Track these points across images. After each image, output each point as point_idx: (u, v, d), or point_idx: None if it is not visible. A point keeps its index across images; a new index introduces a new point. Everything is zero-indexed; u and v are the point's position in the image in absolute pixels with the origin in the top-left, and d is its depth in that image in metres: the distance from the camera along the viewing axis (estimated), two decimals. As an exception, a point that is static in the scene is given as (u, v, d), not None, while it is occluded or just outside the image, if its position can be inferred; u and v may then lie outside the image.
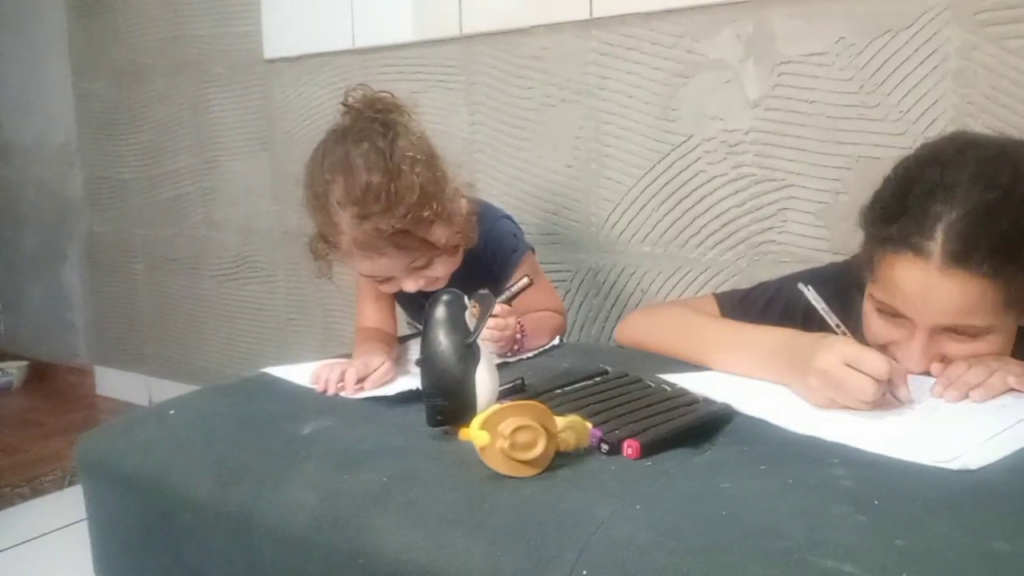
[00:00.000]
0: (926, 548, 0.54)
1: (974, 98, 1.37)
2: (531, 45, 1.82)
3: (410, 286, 1.16)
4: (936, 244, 0.85)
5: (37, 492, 2.10)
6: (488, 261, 1.31)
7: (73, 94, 2.90)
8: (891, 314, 0.93)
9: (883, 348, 0.97)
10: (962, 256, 0.84)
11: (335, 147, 1.14)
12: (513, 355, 1.15)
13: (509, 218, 1.40)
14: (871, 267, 0.95)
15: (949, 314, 0.87)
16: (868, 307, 0.99)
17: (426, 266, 1.15)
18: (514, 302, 1.08)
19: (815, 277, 1.15)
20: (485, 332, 1.09)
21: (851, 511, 0.59)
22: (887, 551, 0.54)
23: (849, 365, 0.81)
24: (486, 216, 1.34)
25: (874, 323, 0.97)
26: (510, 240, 1.34)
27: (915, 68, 1.41)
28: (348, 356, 1.14)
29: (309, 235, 1.23)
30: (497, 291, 1.24)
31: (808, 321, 1.11)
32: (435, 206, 1.11)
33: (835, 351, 0.82)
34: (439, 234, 1.13)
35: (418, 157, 1.12)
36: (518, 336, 1.16)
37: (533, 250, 1.41)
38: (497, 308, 1.09)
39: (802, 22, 1.50)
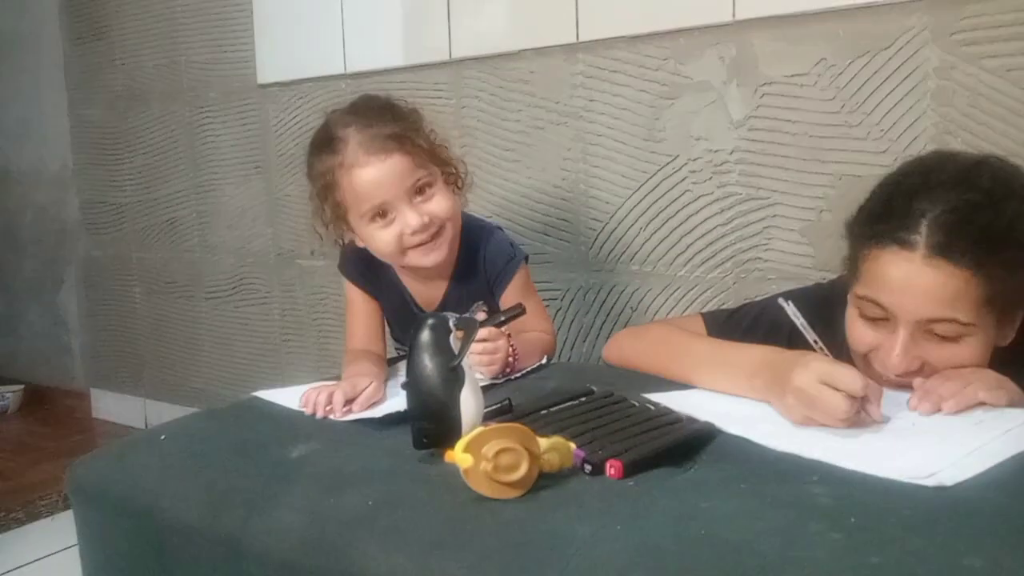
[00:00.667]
0: (900, 565, 0.55)
1: (953, 116, 1.39)
2: (519, 69, 1.85)
3: (411, 217, 1.17)
4: (920, 237, 0.89)
5: (32, 516, 2.10)
6: (486, 271, 1.33)
7: (70, 120, 2.93)
8: (874, 317, 0.95)
9: (865, 358, 0.99)
10: (945, 247, 0.88)
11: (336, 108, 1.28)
12: (504, 376, 1.17)
13: (501, 229, 1.42)
14: (856, 267, 0.97)
15: (932, 304, 0.89)
16: (851, 313, 1.00)
17: (427, 190, 1.20)
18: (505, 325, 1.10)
19: (799, 296, 1.17)
20: (477, 357, 1.11)
21: (827, 528, 0.60)
22: (861, 568, 0.55)
23: (824, 382, 0.82)
24: (480, 228, 1.37)
25: (857, 328, 0.98)
26: (507, 248, 1.35)
27: (895, 88, 1.44)
28: (339, 378, 1.15)
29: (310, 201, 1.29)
30: (494, 302, 1.26)
31: (793, 340, 1.12)
32: (431, 133, 1.25)
33: (811, 369, 0.84)
34: (439, 161, 1.24)
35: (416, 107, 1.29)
36: (510, 359, 1.17)
37: (527, 258, 1.41)
38: (488, 332, 1.11)
39: (784, 44, 1.53)
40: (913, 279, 0.89)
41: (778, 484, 0.69)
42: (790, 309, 1.07)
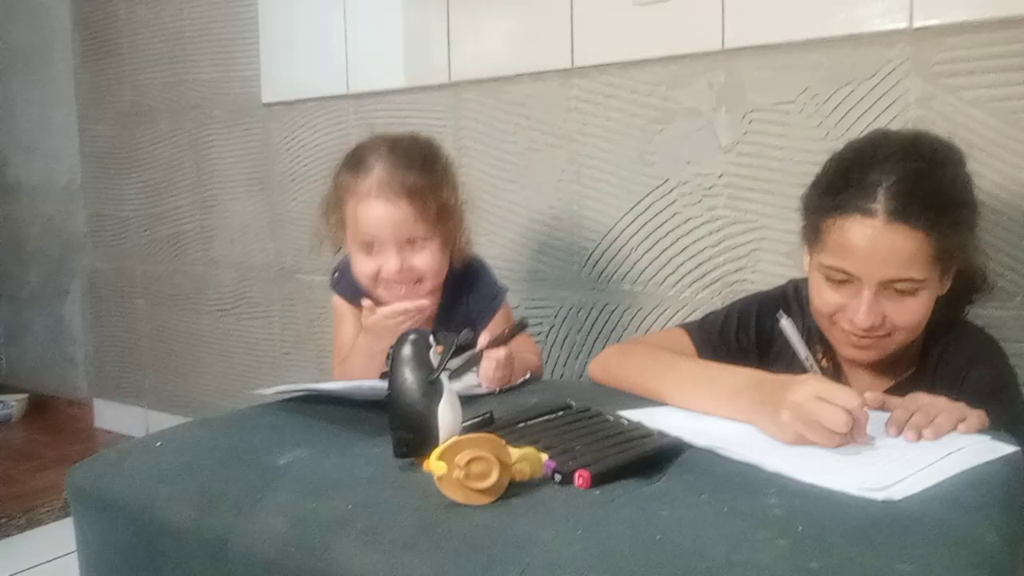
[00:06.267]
0: (836, 570, 0.59)
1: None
2: (516, 92, 1.90)
3: (392, 262, 1.26)
4: (879, 205, 0.99)
5: (33, 523, 2.14)
6: (469, 307, 1.38)
7: (79, 135, 3.00)
8: (839, 280, 1.04)
9: (831, 318, 1.07)
10: (902, 212, 0.98)
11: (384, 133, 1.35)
12: (499, 388, 1.21)
13: (484, 266, 1.47)
14: (818, 238, 1.06)
15: (893, 265, 0.99)
16: (816, 279, 1.09)
17: (420, 243, 1.27)
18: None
19: (768, 300, 1.25)
20: (489, 371, 1.16)
21: (774, 536, 0.64)
22: (800, 572, 0.59)
23: (821, 399, 0.84)
24: (467, 268, 1.41)
25: (824, 291, 1.07)
26: (491, 287, 1.41)
27: (878, 116, 1.48)
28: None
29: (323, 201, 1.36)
30: (475, 332, 1.30)
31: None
32: (454, 199, 1.30)
33: (808, 386, 0.86)
34: (450, 224, 1.29)
35: (451, 160, 1.35)
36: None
37: (507, 290, 1.47)
38: (502, 350, 1.17)
39: (771, 72, 1.57)
40: (875, 243, 0.99)
41: (737, 495, 0.73)
42: (787, 323, 1.11)
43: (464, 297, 1.38)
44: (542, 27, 1.83)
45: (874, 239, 0.99)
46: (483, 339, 1.17)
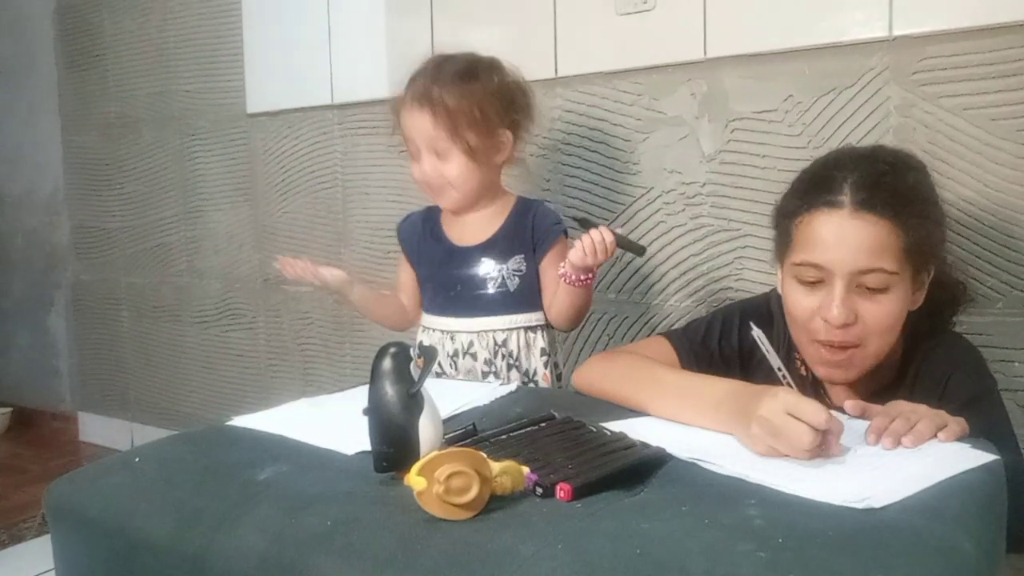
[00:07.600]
0: (815, 582, 0.59)
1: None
2: (499, 102, 1.89)
3: (424, 164, 1.38)
4: (846, 196, 1.01)
5: (16, 539, 2.12)
6: (533, 229, 1.44)
7: (62, 146, 2.98)
8: (811, 280, 1.04)
9: (806, 327, 1.06)
10: (867, 202, 1.00)
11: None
12: (578, 282, 1.33)
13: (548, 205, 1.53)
14: (789, 239, 1.07)
15: (862, 254, 1.00)
16: (789, 284, 1.09)
17: (445, 153, 1.36)
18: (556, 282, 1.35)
19: (751, 308, 1.23)
20: (589, 238, 1.26)
21: (754, 548, 0.63)
22: (779, 585, 0.59)
23: (789, 413, 0.84)
24: (533, 200, 1.49)
25: (797, 295, 1.07)
26: (554, 216, 1.46)
27: (859, 124, 1.49)
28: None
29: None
30: (534, 262, 1.43)
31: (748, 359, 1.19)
32: (484, 118, 1.35)
33: (778, 400, 0.86)
34: (472, 136, 1.35)
35: (500, 82, 1.39)
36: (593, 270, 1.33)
37: (567, 233, 1.49)
38: (611, 236, 1.27)
39: (753, 81, 1.58)
40: (844, 233, 1.00)
41: (717, 506, 0.73)
42: (757, 332, 1.11)
43: (529, 220, 1.44)
44: (525, 37, 1.83)
45: (841, 228, 1.00)
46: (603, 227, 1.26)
